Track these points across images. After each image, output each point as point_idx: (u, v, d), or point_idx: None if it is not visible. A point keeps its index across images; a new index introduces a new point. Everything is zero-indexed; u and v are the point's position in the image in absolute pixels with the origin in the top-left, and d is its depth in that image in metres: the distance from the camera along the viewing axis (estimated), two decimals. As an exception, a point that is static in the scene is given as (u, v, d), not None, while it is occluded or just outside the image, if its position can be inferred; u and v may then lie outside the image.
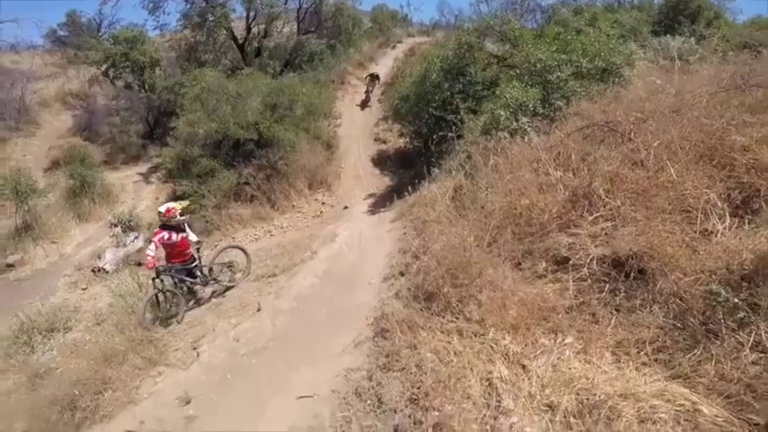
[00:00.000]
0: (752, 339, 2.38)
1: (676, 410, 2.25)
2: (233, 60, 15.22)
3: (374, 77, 15.06)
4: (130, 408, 3.44)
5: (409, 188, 6.62)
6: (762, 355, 2.33)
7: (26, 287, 8.30)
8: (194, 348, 4.12)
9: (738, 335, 2.44)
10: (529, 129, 5.13)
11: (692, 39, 7.55)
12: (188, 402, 3.37)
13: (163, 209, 5.03)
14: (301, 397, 3.22)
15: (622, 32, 7.04)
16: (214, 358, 3.92)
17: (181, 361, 3.95)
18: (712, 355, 2.44)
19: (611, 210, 3.51)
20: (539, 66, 5.96)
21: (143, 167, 13.10)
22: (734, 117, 3.60)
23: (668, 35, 8.13)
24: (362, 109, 14.21)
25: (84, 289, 7.93)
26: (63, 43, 19.06)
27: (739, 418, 2.16)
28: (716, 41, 6.58)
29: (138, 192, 11.93)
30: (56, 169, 12.00)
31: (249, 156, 9.32)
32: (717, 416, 2.18)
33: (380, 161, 9.73)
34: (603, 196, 3.59)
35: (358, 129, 12.29)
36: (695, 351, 2.52)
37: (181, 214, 5.05)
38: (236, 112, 9.27)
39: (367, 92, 14.70)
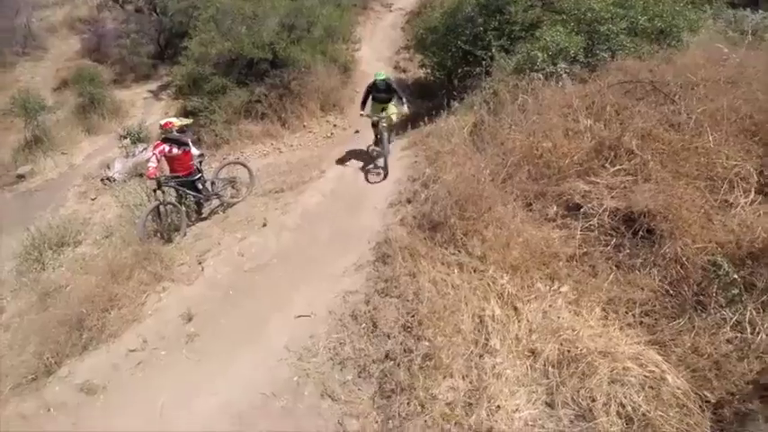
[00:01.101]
0: (735, 318, 2.42)
1: (645, 376, 2.36)
2: (250, -18, 13.99)
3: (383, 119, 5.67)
4: (135, 326, 3.41)
5: (425, 119, 6.36)
6: (738, 335, 2.38)
7: (37, 198, 8.34)
8: (199, 263, 4.15)
9: (724, 311, 2.48)
10: (565, 75, 4.84)
11: (777, 16, 6.66)
12: (190, 320, 3.43)
13: (162, 122, 5.15)
14: (299, 316, 3.34)
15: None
16: (218, 273, 3.98)
17: (186, 276, 3.97)
18: (694, 326, 2.50)
19: (635, 164, 3.40)
20: (589, 15, 5.49)
21: (153, 86, 12.71)
22: (794, 98, 3.36)
23: (748, 9, 7.17)
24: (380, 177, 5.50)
25: (93, 199, 7.99)
26: (68, -28, 17.50)
27: (696, 393, 2.26)
28: None
29: (149, 107, 11.67)
30: (64, 89, 11.82)
31: (263, 75, 9.09)
32: (678, 387, 2.29)
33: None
34: (634, 149, 3.46)
35: (377, 55, 11.62)
36: (679, 320, 2.59)
37: (179, 131, 5.11)
38: (251, 32, 8.88)
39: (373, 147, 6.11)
